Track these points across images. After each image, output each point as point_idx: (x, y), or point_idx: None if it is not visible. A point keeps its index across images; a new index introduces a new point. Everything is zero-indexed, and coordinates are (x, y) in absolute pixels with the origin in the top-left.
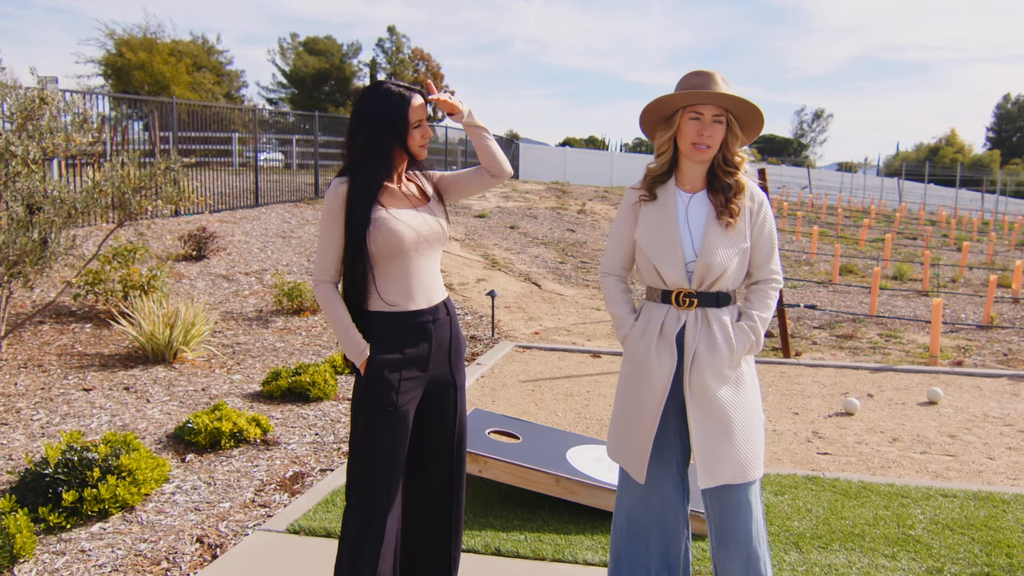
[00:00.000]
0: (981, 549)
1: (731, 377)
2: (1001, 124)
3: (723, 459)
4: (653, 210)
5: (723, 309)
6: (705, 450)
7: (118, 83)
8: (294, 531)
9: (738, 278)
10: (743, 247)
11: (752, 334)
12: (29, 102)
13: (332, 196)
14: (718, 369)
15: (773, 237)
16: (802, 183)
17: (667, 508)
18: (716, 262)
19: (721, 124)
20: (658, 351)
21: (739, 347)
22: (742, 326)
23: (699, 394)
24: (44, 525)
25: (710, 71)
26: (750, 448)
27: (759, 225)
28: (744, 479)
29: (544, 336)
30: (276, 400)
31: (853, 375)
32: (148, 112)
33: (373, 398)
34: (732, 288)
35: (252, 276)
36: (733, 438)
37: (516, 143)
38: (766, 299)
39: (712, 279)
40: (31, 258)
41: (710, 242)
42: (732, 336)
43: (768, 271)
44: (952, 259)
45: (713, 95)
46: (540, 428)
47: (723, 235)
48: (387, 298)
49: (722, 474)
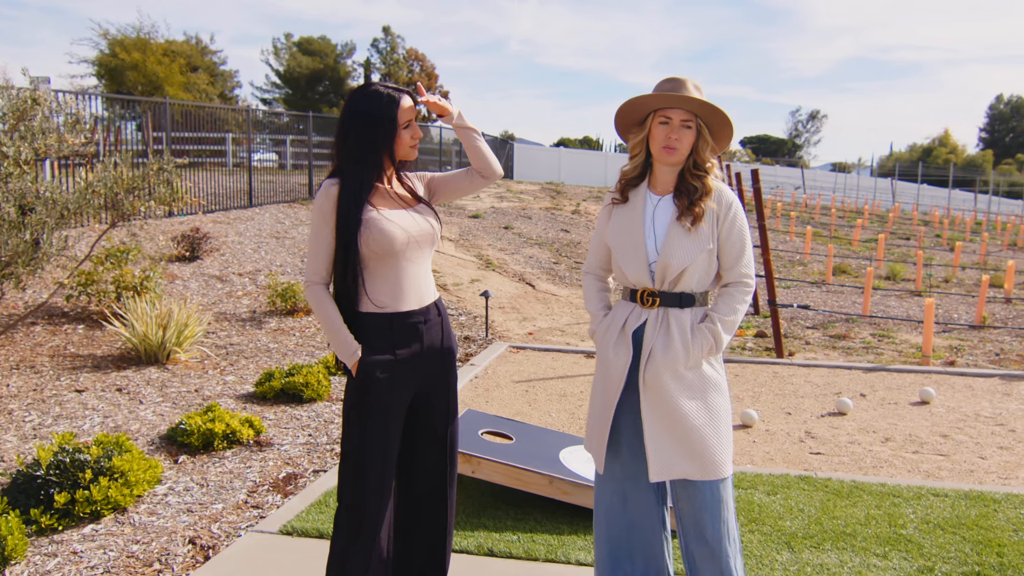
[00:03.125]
0: (972, 548)
1: (688, 376)
2: (994, 124)
3: (674, 454)
4: (623, 212)
5: (685, 310)
6: (654, 443)
7: (111, 83)
8: (287, 532)
9: (704, 280)
10: (707, 248)
11: (711, 336)
12: (21, 102)
13: (323, 198)
14: (673, 367)
15: (743, 240)
16: (796, 183)
17: (640, 505)
18: (674, 262)
19: (690, 129)
20: (616, 345)
21: (696, 347)
22: (702, 327)
23: (652, 389)
24: (36, 527)
25: (682, 78)
26: (708, 446)
27: (727, 228)
28: (704, 476)
29: (538, 336)
30: (269, 401)
31: (846, 375)
32: (141, 112)
33: (364, 399)
34: (698, 289)
35: (245, 277)
36: (686, 434)
37: (511, 143)
38: (732, 302)
39: (672, 278)
40: (23, 259)
41: (670, 242)
42: (689, 336)
43: (737, 274)
44: (945, 259)
45: (680, 98)
46: (533, 429)
47: (684, 236)
48: (378, 299)
49: (674, 469)
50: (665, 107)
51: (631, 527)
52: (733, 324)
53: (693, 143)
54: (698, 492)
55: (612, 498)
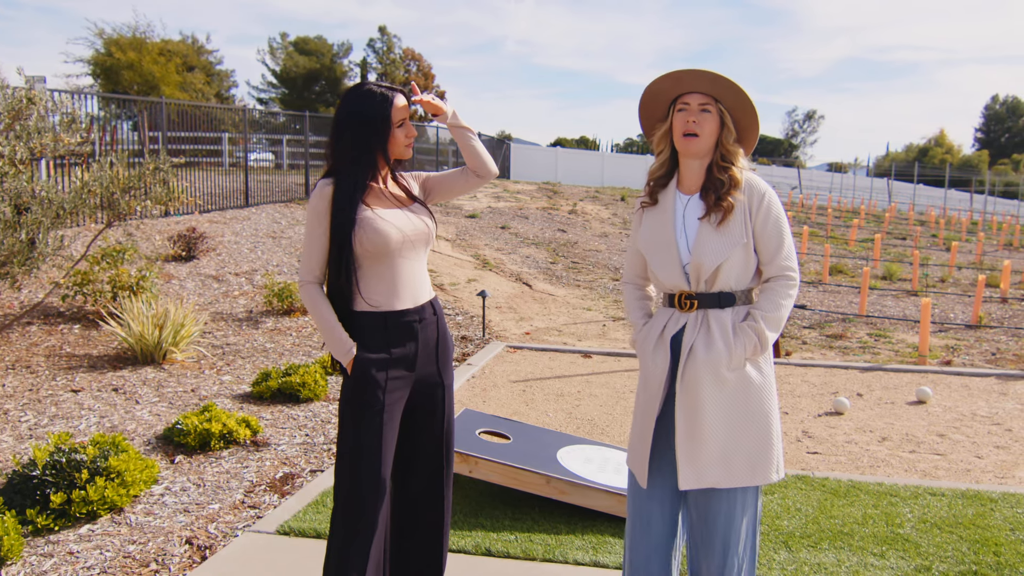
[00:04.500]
0: (969, 547)
1: (730, 379)
2: (990, 125)
3: (706, 460)
4: (653, 215)
5: (726, 310)
6: (686, 449)
7: (107, 83)
8: (284, 532)
9: (743, 277)
10: (741, 243)
11: (754, 334)
12: (16, 102)
13: (317, 197)
14: (714, 369)
15: (780, 231)
16: (792, 183)
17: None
18: (707, 261)
19: (710, 114)
20: (655, 352)
21: (739, 347)
22: (743, 326)
23: (689, 392)
24: (32, 527)
25: (701, 68)
26: (743, 453)
27: (760, 219)
28: (731, 484)
29: (535, 336)
30: (266, 401)
31: (843, 375)
32: (137, 112)
33: (360, 398)
34: (738, 287)
35: (242, 277)
36: (718, 440)
37: (507, 143)
38: (775, 297)
39: (707, 278)
40: (19, 259)
41: (700, 241)
42: (731, 335)
43: (777, 267)
44: (941, 259)
45: (693, 72)
46: (531, 428)
47: (714, 233)
48: (373, 298)
49: (706, 477)
50: (683, 92)
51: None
52: (778, 320)
53: (717, 132)
54: (713, 498)
55: (642, 517)
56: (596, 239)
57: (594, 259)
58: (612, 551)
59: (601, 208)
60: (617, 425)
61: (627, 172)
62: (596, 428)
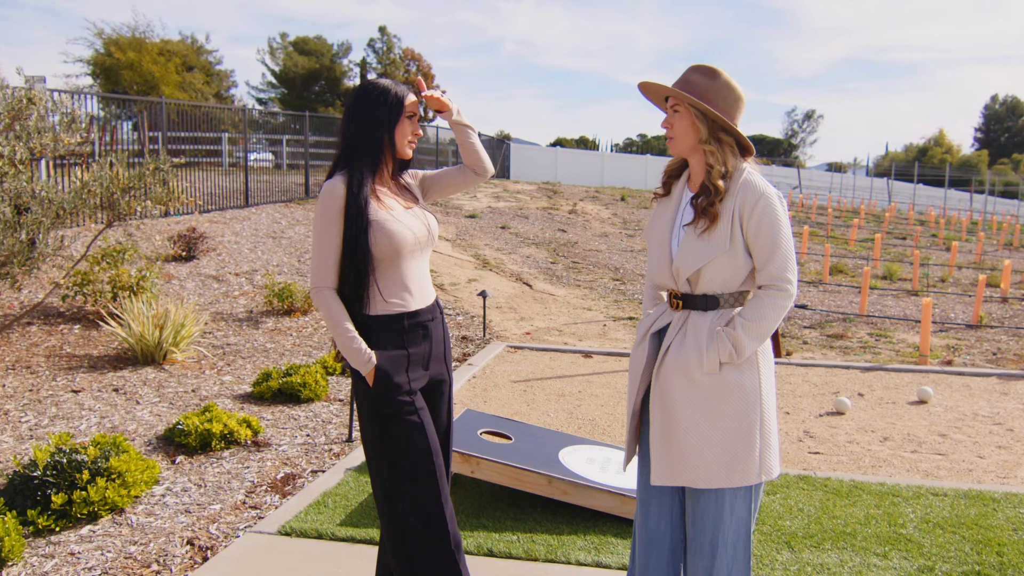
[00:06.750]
0: (972, 547)
1: (704, 381)
2: (989, 124)
3: (678, 459)
4: (660, 208)
5: (708, 313)
6: (657, 445)
7: (107, 83)
8: (285, 533)
9: (731, 281)
10: (723, 251)
11: (729, 341)
12: (16, 102)
13: (328, 199)
14: (684, 370)
15: (773, 238)
16: (792, 183)
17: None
18: (683, 265)
19: (679, 113)
20: (639, 344)
21: (711, 352)
22: (720, 331)
23: (662, 390)
24: (33, 528)
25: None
26: (716, 454)
27: (753, 226)
28: (707, 484)
29: (536, 336)
30: (267, 401)
31: (844, 374)
32: (137, 112)
33: (392, 408)
34: (724, 291)
35: (242, 277)
36: (690, 439)
37: (507, 143)
38: (761, 307)
39: (690, 280)
40: (19, 259)
41: (683, 245)
42: (704, 340)
43: (768, 275)
44: (941, 259)
45: (645, 87)
46: (532, 428)
47: (696, 239)
48: (391, 300)
49: (680, 475)
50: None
51: (650, 544)
52: (759, 330)
53: (693, 129)
54: (700, 499)
55: (643, 508)
56: (596, 239)
57: (594, 259)
58: (615, 552)
59: (601, 208)
60: (619, 425)
61: (627, 172)
62: (597, 428)
